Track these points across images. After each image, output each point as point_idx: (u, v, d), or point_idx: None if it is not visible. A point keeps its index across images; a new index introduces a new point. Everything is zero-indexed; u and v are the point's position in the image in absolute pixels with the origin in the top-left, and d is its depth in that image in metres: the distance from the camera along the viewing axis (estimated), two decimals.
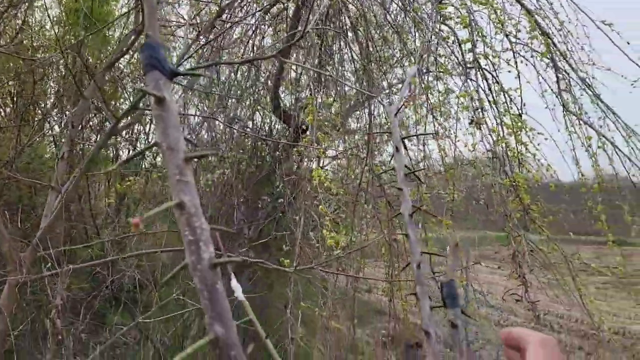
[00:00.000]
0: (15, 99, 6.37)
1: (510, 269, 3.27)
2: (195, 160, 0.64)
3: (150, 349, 3.68)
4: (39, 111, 6.82)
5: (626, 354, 8.46)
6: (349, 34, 5.25)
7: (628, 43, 3.11)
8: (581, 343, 8.89)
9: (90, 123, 7.02)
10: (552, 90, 3.49)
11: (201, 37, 3.35)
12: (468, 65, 3.44)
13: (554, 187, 3.36)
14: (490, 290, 6.88)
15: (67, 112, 6.24)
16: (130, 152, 8.06)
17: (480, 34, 3.47)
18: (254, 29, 5.43)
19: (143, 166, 7.28)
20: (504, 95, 3.46)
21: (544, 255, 3.11)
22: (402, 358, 7.67)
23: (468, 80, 3.37)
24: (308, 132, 4.70)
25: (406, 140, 1.30)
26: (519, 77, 3.46)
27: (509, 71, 3.52)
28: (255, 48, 5.43)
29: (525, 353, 0.46)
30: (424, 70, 3.89)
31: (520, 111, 3.41)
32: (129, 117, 2.12)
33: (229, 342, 0.53)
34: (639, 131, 3.36)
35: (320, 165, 6.43)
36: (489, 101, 3.35)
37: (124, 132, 6.41)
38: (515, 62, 3.53)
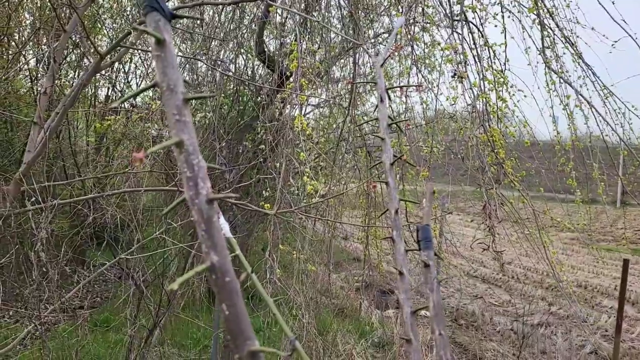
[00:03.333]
0: None
1: (481, 221, 3.40)
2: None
3: (131, 286, 3.77)
4: (13, 43, 6.58)
5: (585, 304, 8.93)
6: None
7: (613, 3, 3.12)
8: (544, 294, 9.32)
9: (68, 59, 6.82)
10: (536, 47, 3.52)
11: None
12: (455, 18, 3.43)
13: (529, 143, 3.45)
14: (462, 242, 7.12)
15: (44, 46, 6.04)
16: (110, 90, 7.90)
17: None
18: None
19: (123, 106, 7.16)
20: (488, 50, 3.47)
21: (513, 209, 3.23)
22: (375, 303, 7.99)
23: (454, 33, 3.36)
24: (292, 79, 4.67)
25: (390, 92, 1.33)
26: (505, 32, 3.47)
27: (495, 26, 3.52)
28: None
29: None
30: (411, 21, 3.86)
31: (503, 67, 3.44)
32: (112, 55, 2.08)
33: (223, 269, 0.58)
34: (616, 92, 3.44)
35: (302, 112, 6.41)
36: (473, 55, 3.37)
37: (103, 70, 6.24)
38: (502, 17, 3.53)
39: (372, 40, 5.86)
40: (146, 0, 0.65)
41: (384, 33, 6.16)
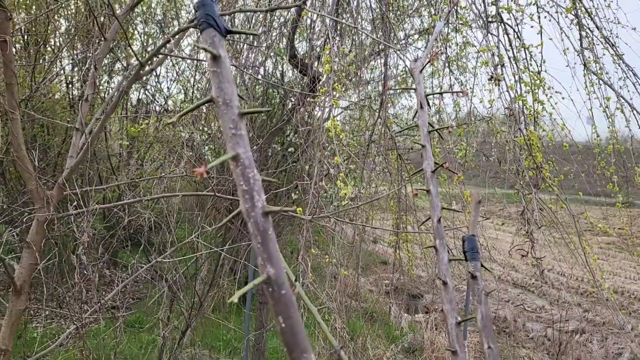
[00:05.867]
0: (25, 36, 6.29)
1: (515, 226, 3.33)
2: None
3: (163, 287, 3.84)
4: (49, 49, 6.76)
5: (622, 311, 8.67)
6: None
7: None
8: (580, 300, 9.10)
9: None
10: (574, 48, 3.43)
11: None
12: (489, 19, 3.37)
13: (567, 146, 3.37)
14: (494, 246, 7.00)
15: (80, 53, 6.19)
16: (141, 94, 8.06)
17: None
18: None
19: (155, 110, 7.30)
20: (524, 51, 3.40)
21: (552, 214, 3.15)
22: (405, 307, 7.92)
23: (489, 35, 3.31)
24: (322, 81, 4.67)
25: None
26: (541, 33, 3.40)
27: (532, 26, 3.45)
28: None
29: None
30: (443, 22, 3.82)
31: (539, 69, 3.37)
32: (152, 62, 2.13)
33: (279, 282, 0.58)
34: None
35: (332, 115, 6.39)
36: (508, 57, 3.31)
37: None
38: (539, 17, 3.46)
39: (403, 42, 5.82)
40: (202, 17, 0.66)
41: (414, 34, 6.12)
